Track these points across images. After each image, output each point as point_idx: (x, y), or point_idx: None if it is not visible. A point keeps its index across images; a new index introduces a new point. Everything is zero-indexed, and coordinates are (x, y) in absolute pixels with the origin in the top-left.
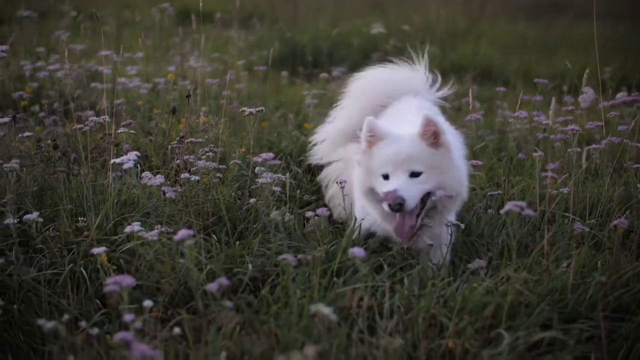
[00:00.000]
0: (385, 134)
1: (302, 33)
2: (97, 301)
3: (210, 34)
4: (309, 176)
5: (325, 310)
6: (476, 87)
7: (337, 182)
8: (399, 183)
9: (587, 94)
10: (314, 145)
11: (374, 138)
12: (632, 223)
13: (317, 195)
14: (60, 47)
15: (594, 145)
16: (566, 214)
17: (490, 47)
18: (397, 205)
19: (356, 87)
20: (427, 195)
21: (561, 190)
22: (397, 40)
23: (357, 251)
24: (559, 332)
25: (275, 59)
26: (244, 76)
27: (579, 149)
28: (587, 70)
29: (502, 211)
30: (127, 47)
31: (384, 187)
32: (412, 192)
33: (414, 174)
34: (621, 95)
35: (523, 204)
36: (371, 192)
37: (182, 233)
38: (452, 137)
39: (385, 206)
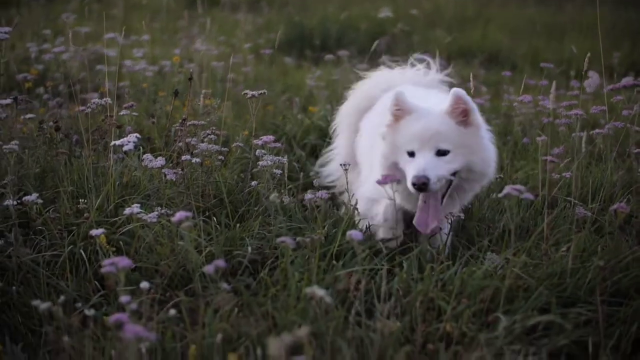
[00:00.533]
0: (413, 108)
1: (310, 16)
2: (96, 283)
3: (217, 17)
4: (313, 159)
5: (320, 292)
6: (483, 71)
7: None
8: (425, 161)
9: (592, 79)
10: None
11: (401, 112)
12: (633, 208)
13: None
14: (66, 30)
15: (597, 130)
16: (568, 198)
17: (498, 32)
18: (422, 185)
19: (346, 111)
20: (454, 175)
21: (564, 174)
22: (405, 24)
23: (355, 234)
24: (557, 316)
25: (283, 42)
26: (250, 59)
27: (582, 134)
28: (588, 54)
29: (500, 194)
30: (134, 30)
31: (408, 164)
32: (437, 171)
33: (441, 152)
34: (626, 80)
35: (522, 187)
36: (395, 168)
37: (180, 215)
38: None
39: (409, 184)
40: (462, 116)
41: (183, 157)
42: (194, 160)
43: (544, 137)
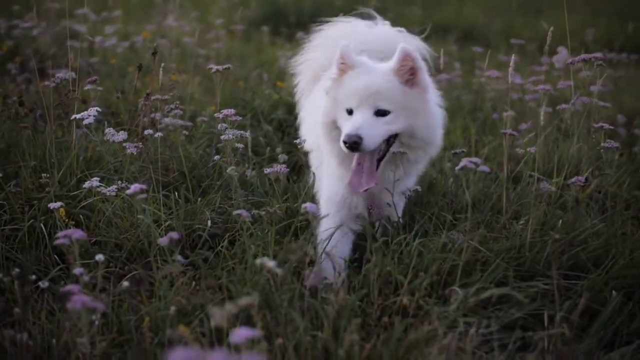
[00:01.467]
0: (358, 63)
1: None
2: (56, 257)
3: None
4: (280, 134)
5: (270, 263)
6: (457, 48)
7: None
8: (361, 120)
9: (561, 54)
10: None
11: (345, 66)
12: (598, 183)
13: (290, 153)
14: (39, 6)
15: (563, 105)
16: (533, 173)
17: (474, 8)
18: (354, 144)
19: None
20: (394, 138)
21: (528, 149)
22: (379, 0)
23: (310, 206)
24: (514, 289)
25: (258, 19)
26: (223, 35)
27: (549, 109)
28: (551, 29)
29: (457, 168)
30: (108, 7)
31: (345, 122)
32: (373, 131)
33: (381, 112)
34: (584, 55)
35: (478, 160)
36: (332, 127)
37: (134, 187)
38: (432, 87)
39: (341, 143)
40: (408, 75)
41: (145, 132)
42: (156, 134)
43: (511, 112)
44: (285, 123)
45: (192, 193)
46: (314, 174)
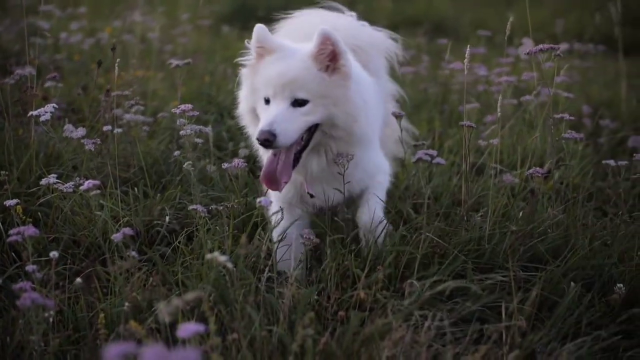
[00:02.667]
0: (276, 47)
1: None
2: (14, 254)
3: None
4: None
5: (222, 258)
6: (427, 40)
7: None
8: (276, 113)
9: (526, 46)
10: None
11: (263, 50)
12: (561, 174)
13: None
14: (2, 2)
15: (527, 96)
16: (495, 165)
17: (444, 1)
18: (265, 142)
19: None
20: (315, 127)
21: (491, 141)
22: None
23: (264, 200)
24: (472, 282)
25: (227, 13)
26: (190, 30)
27: (515, 101)
28: (510, 19)
29: (412, 159)
30: (72, 2)
31: (263, 112)
32: (288, 125)
33: (298, 102)
34: (542, 45)
35: (434, 152)
36: (253, 115)
37: (88, 183)
38: (363, 76)
39: (254, 139)
40: (328, 60)
41: (104, 128)
42: (115, 130)
43: (476, 104)
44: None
45: (152, 189)
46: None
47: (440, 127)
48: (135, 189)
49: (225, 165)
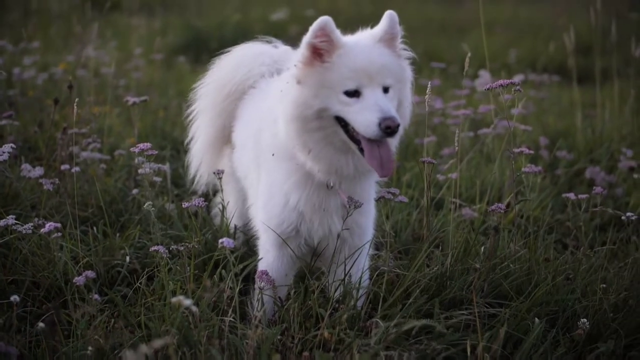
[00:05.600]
0: (342, 39)
1: (207, 20)
2: None
3: (112, 22)
4: None
5: (186, 302)
6: None
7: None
8: (382, 99)
9: (483, 78)
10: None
11: (330, 45)
12: (521, 207)
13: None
14: None
15: (484, 130)
16: (454, 199)
17: None
18: (396, 128)
19: (206, 90)
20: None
21: (450, 175)
22: (301, 25)
23: (227, 241)
24: (437, 319)
25: (179, 46)
26: (143, 64)
27: (472, 133)
28: (469, 54)
29: (375, 198)
30: (30, 37)
31: (352, 106)
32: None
33: (385, 90)
34: (502, 80)
35: (396, 190)
36: (315, 116)
37: (49, 225)
38: None
39: (374, 128)
40: (393, 43)
41: (62, 167)
42: (73, 169)
43: (433, 137)
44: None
45: (110, 228)
46: (222, 205)
47: (397, 160)
48: (94, 228)
49: (185, 205)
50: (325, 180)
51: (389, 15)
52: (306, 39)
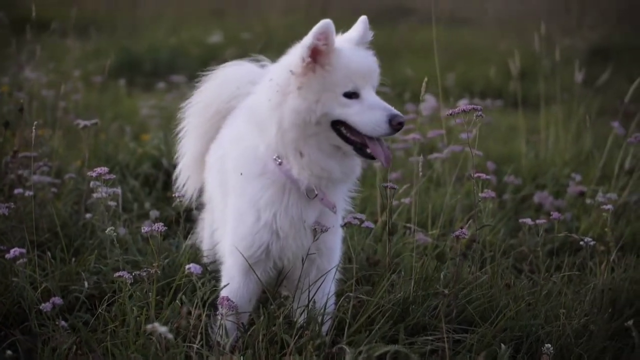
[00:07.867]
0: (338, 44)
1: (140, 42)
2: None
3: (47, 43)
4: (147, 189)
5: (161, 329)
6: None
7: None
8: (381, 100)
9: (429, 102)
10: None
11: (328, 47)
12: (475, 233)
13: (159, 209)
14: None
15: (435, 154)
16: (408, 224)
17: None
18: (402, 124)
19: (194, 109)
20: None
21: (402, 200)
22: (237, 48)
23: (194, 267)
24: (404, 346)
25: (114, 68)
26: (81, 87)
27: (420, 158)
28: (425, 79)
29: (340, 224)
30: None
31: (352, 106)
32: None
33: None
34: (464, 104)
35: (362, 216)
36: (315, 122)
37: (14, 251)
38: None
39: (385, 125)
40: (365, 47)
41: (15, 191)
42: (27, 193)
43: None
44: (151, 178)
45: (65, 252)
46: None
47: None
48: (49, 253)
49: (145, 229)
50: (311, 186)
51: (363, 21)
52: (307, 42)
